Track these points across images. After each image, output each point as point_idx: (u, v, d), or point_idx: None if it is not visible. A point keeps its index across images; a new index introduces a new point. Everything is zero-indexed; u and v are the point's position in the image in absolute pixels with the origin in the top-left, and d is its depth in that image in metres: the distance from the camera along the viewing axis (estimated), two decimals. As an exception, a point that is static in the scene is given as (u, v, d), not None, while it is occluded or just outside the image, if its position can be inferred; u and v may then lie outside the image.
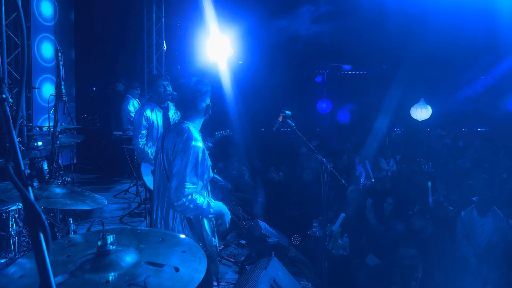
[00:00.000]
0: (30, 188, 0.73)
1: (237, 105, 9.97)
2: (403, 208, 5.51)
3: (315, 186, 6.09)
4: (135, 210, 6.29)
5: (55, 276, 1.13)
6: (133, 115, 7.79)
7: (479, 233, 5.05)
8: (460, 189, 6.27)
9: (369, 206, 5.10)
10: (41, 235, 0.69)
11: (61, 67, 2.14)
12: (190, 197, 2.43)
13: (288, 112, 2.97)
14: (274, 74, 11.67)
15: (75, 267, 1.23)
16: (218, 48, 8.94)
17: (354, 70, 14.02)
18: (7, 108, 0.84)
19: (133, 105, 7.99)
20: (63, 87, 2.12)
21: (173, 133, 2.64)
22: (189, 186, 2.43)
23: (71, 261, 1.27)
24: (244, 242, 5.17)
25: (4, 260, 4.46)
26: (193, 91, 2.64)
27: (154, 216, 2.73)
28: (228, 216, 2.72)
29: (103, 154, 9.84)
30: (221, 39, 8.86)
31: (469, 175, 7.19)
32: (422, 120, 11.51)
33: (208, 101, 2.70)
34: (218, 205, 2.63)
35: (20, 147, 7.52)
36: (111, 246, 1.28)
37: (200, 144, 2.53)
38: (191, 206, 2.43)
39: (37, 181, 1.96)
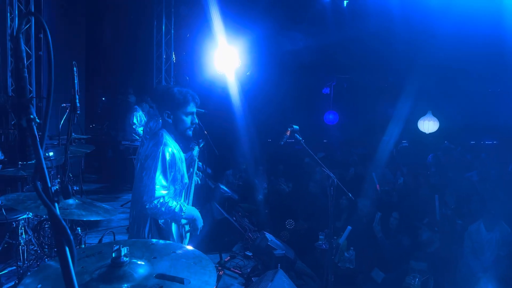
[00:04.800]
0: (56, 204, 0.78)
1: (245, 116, 10.03)
2: (409, 221, 5.50)
3: (321, 198, 6.10)
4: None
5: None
6: (135, 128, 7.93)
7: (487, 247, 5.02)
8: (468, 202, 6.23)
9: (377, 219, 5.10)
10: (67, 249, 0.73)
11: (75, 80, 2.20)
12: (162, 199, 2.48)
13: (296, 127, 3.02)
14: (281, 85, 11.73)
15: (90, 278, 1.28)
16: (226, 59, 9.05)
17: (361, 81, 14.07)
18: (35, 127, 0.90)
19: (138, 118, 8.09)
20: (77, 100, 2.19)
21: (148, 140, 2.76)
22: (159, 189, 2.49)
23: (86, 272, 1.32)
24: (250, 254, 5.18)
25: (13, 268, 4.52)
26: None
27: (129, 222, 2.79)
28: (200, 222, 2.75)
29: (110, 163, 9.93)
30: (229, 50, 8.97)
31: (477, 188, 7.14)
32: (430, 133, 11.48)
33: (169, 110, 2.72)
34: (190, 210, 2.68)
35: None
36: (124, 258, 1.32)
37: (170, 149, 2.60)
38: (163, 209, 2.48)
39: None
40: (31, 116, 0.90)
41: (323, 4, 9.71)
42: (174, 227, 2.69)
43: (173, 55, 10.27)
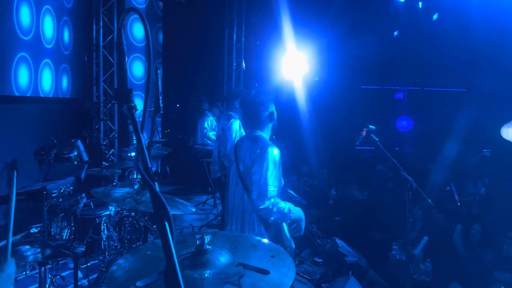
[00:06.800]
0: (156, 183, 0.84)
1: (312, 123, 9.96)
2: (493, 235, 5.10)
3: (394, 207, 5.87)
4: (212, 221, 6.53)
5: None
6: (206, 132, 8.23)
7: None
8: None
9: (458, 232, 4.79)
10: (166, 223, 0.78)
11: (159, 83, 2.34)
12: (272, 200, 2.52)
13: (372, 127, 2.93)
14: (351, 91, 11.50)
15: (176, 263, 1.34)
16: (294, 65, 9.07)
17: (438, 87, 13.36)
18: (135, 114, 0.97)
19: (209, 122, 8.40)
20: (161, 100, 2.32)
21: (246, 142, 2.79)
22: (271, 189, 2.54)
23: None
24: (319, 260, 5.12)
25: (96, 261, 4.87)
26: (253, 103, 2.80)
27: (229, 226, 2.80)
28: (304, 222, 2.77)
29: (182, 166, 10.32)
30: (298, 56, 8.98)
31: None
32: (515, 141, 10.59)
33: (270, 108, 2.81)
34: (297, 210, 2.70)
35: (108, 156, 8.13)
36: (207, 246, 1.38)
37: (276, 150, 2.66)
38: (274, 209, 2.52)
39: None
40: (132, 104, 0.97)
41: (397, 5, 9.38)
42: (284, 225, 2.71)
43: (243, 63, 10.53)
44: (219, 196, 6.76)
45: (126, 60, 1.05)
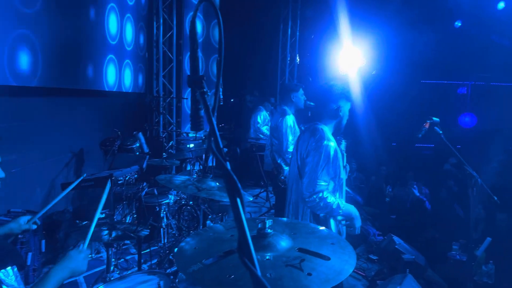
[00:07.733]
0: (227, 163, 0.88)
1: (368, 117, 9.71)
2: None
3: (455, 205, 5.63)
4: (265, 215, 6.60)
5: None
6: (259, 127, 8.30)
7: None
8: None
9: (523, 232, 4.51)
10: (238, 200, 0.83)
11: (220, 74, 2.42)
12: (321, 194, 2.49)
13: (436, 119, 2.81)
14: (410, 85, 11.06)
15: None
16: (350, 59, 8.88)
17: (505, 81, 12.49)
18: (207, 99, 1.03)
19: (262, 117, 8.46)
20: (221, 92, 2.39)
21: (306, 133, 2.78)
22: (320, 183, 2.51)
23: (235, 239, 1.45)
24: (374, 258, 5.02)
25: (155, 248, 5.10)
26: (322, 91, 2.77)
27: (286, 211, 2.85)
28: (358, 221, 2.70)
29: (236, 160, 10.50)
30: (354, 50, 8.78)
31: None
32: None
33: (340, 103, 2.74)
34: (348, 208, 2.64)
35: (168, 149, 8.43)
36: (269, 230, 1.42)
37: (332, 143, 2.60)
38: (321, 204, 2.49)
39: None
40: (204, 90, 1.03)
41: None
42: (331, 221, 2.70)
43: (297, 57, 10.48)
44: (271, 189, 6.82)
45: (198, 48, 1.11)
